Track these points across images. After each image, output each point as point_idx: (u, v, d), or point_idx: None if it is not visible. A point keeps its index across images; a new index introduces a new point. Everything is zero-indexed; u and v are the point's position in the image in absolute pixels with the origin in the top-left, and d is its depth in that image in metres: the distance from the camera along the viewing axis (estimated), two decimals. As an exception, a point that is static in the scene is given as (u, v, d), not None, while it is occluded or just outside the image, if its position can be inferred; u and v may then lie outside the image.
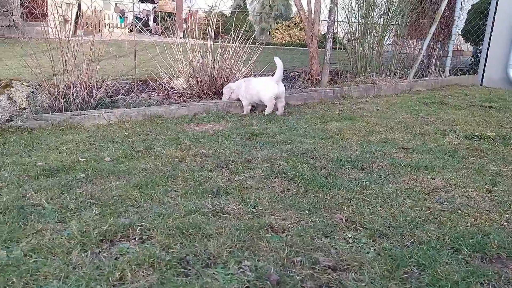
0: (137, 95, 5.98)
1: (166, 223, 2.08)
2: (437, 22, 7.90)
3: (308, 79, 7.55)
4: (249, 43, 6.25)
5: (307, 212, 2.31)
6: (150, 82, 6.46)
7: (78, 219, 2.10)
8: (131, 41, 10.28)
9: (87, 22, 12.25)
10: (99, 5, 12.43)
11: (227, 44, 6.23)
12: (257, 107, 5.01)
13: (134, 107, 4.70)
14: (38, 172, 2.70)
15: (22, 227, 2.00)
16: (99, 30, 12.94)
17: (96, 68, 4.93)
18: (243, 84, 4.84)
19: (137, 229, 2.02)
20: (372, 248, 1.99)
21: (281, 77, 4.66)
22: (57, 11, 5.18)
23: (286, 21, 14.41)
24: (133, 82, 6.53)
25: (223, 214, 2.24)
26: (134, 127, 4.04)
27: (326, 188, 2.63)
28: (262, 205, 2.36)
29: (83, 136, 3.63)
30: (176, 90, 6.26)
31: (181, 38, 13.77)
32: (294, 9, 15.04)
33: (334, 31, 7.14)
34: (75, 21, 12.31)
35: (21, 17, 13.36)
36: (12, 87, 4.94)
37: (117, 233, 1.99)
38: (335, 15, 6.52)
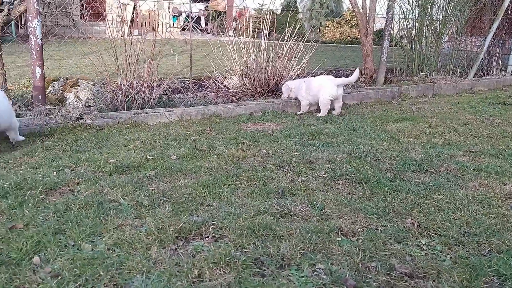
0: (192, 93, 6.12)
1: (237, 222, 2.12)
2: (500, 19, 7.50)
3: (361, 78, 7.42)
4: (302, 42, 6.23)
5: (375, 216, 2.27)
6: (204, 80, 6.59)
7: (153, 215, 2.19)
8: (183, 39, 10.51)
9: (142, 22, 12.66)
10: (151, 5, 12.82)
11: (281, 42, 6.24)
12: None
13: (193, 106, 4.82)
14: (111, 169, 2.83)
15: (103, 222, 2.11)
16: (154, 29, 13.34)
17: (156, 67, 5.09)
18: (303, 84, 4.81)
19: (210, 228, 2.08)
20: (448, 256, 1.93)
21: (344, 83, 4.65)
22: (112, 11, 5.37)
23: (337, 18, 14.20)
24: (188, 80, 6.69)
25: (291, 215, 2.25)
26: (194, 125, 4.14)
27: (393, 192, 2.58)
28: (329, 207, 2.35)
29: (148, 134, 3.77)
30: (229, 89, 6.34)
31: (231, 36, 13.93)
32: (345, 6, 14.81)
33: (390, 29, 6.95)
34: (130, 20, 12.77)
35: (80, 17, 14.05)
36: (79, 86, 5.21)
37: (191, 231, 2.05)
38: (393, 12, 6.34)
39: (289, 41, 6.05)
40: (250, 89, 6.07)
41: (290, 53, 6.14)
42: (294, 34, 6.15)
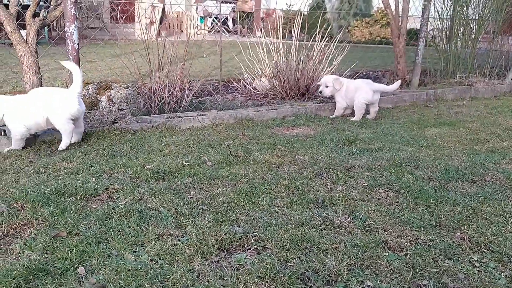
0: (222, 96, 6.11)
1: (279, 234, 2.07)
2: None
3: (393, 79, 7.25)
4: (333, 43, 6.13)
5: (422, 229, 2.18)
6: (233, 82, 6.58)
7: (193, 225, 2.17)
8: (210, 41, 10.51)
9: (170, 24, 12.80)
10: (180, 7, 12.92)
11: (312, 43, 6.15)
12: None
13: (225, 109, 4.80)
14: (148, 175, 2.83)
15: (144, 231, 2.10)
16: (184, 31, 13.46)
17: (188, 71, 5.10)
18: (345, 84, 4.70)
19: (252, 239, 2.04)
20: (502, 274, 1.83)
21: (381, 90, 4.55)
22: (143, 13, 5.41)
23: (366, 18, 13.97)
24: (217, 82, 6.69)
25: (333, 227, 2.18)
26: (227, 130, 4.11)
27: (439, 203, 2.48)
28: (372, 219, 2.28)
29: (182, 139, 3.76)
30: (258, 91, 6.30)
31: (259, 37, 13.87)
32: (374, 5, 14.54)
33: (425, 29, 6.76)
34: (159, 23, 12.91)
35: (110, 20, 14.29)
36: (112, 89, 5.28)
37: (232, 242, 2.02)
38: (428, 13, 6.16)
39: (319, 42, 5.96)
40: (280, 92, 6.02)
41: (321, 55, 6.05)
42: (323, 35, 6.06)
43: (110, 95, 5.19)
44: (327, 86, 4.74)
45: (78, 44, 3.98)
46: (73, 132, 3.40)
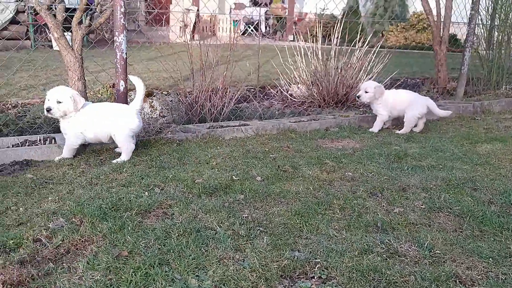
0: (258, 102, 6.07)
1: (342, 262, 2.01)
2: None
3: (433, 88, 7.05)
4: (374, 50, 6.01)
5: (491, 260, 2.08)
6: (270, 89, 6.53)
7: (252, 248, 2.12)
8: (242, 45, 10.50)
9: (203, 27, 12.88)
10: (213, 11, 12.98)
11: (352, 48, 6.04)
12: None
13: (266, 119, 4.76)
14: (200, 190, 2.81)
15: (204, 253, 2.07)
16: (214, 34, 13.54)
17: (230, 77, 5.08)
18: (391, 95, 4.54)
19: (315, 267, 1.98)
20: None
21: (432, 108, 4.45)
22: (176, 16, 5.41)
23: (402, 23, 13.70)
24: (253, 88, 6.64)
25: (398, 256, 2.10)
26: (271, 141, 4.06)
27: (505, 230, 2.36)
28: (438, 247, 2.18)
29: (227, 150, 3.74)
30: (295, 98, 6.23)
31: (291, 41, 13.74)
32: (410, 9, 14.24)
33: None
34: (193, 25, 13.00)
35: (145, 23, 14.50)
36: (154, 96, 5.31)
37: (295, 269, 1.96)
38: (475, 22, 5.96)
39: (358, 48, 5.85)
40: (317, 99, 5.93)
41: (361, 62, 5.93)
42: (359, 40, 5.94)
43: (152, 102, 5.23)
44: (366, 92, 4.55)
45: (126, 53, 4.01)
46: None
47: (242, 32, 13.60)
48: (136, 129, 3.43)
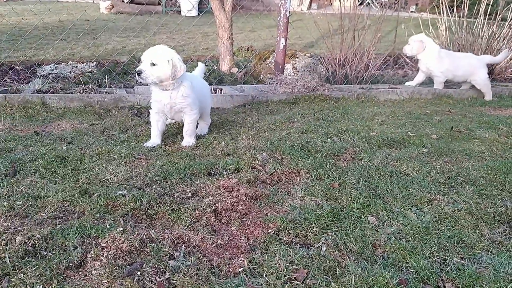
0: (393, 70, 5.95)
1: None
2: None
3: None
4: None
5: None
6: (401, 58, 6.32)
7: (458, 194, 2.14)
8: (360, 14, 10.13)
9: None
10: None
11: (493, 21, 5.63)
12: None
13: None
14: (379, 141, 2.88)
15: (412, 193, 2.13)
16: (331, 3, 13.32)
17: (373, 44, 5.03)
18: (448, 57, 4.35)
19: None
20: None
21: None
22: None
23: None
24: (388, 56, 6.46)
25: None
26: (428, 105, 3.98)
27: None
28: None
29: (387, 110, 3.74)
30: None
31: (411, 12, 12.93)
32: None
33: None
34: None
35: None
36: (297, 57, 5.45)
37: (511, 218, 1.96)
38: None
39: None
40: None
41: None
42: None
43: (295, 63, 5.38)
44: (409, 44, 4.45)
45: (289, 12, 4.16)
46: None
47: (359, 2, 13.17)
48: None
